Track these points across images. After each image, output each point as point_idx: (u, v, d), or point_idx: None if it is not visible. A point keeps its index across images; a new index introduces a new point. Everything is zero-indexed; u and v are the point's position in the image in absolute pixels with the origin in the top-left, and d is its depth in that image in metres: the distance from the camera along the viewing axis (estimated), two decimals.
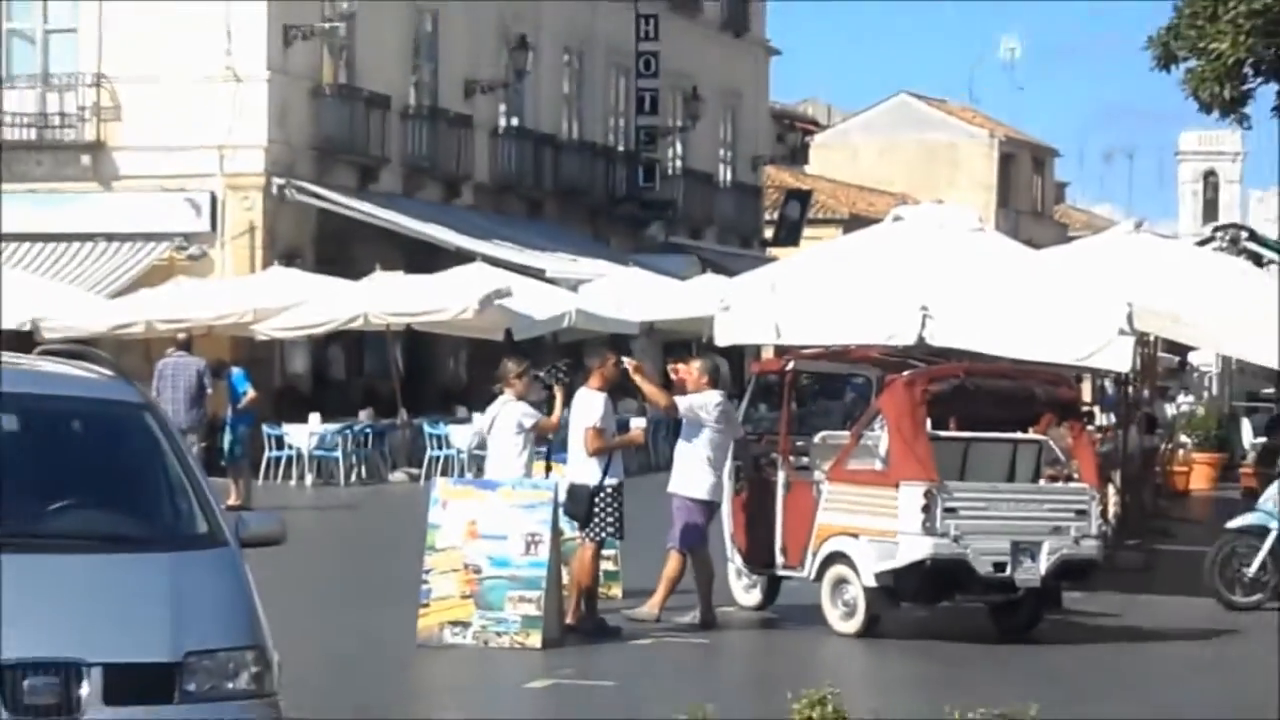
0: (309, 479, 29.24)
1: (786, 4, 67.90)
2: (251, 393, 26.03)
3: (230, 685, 7.81)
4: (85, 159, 31.21)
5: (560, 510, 14.87)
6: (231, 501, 18.45)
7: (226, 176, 31.03)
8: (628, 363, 16.59)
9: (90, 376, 9.65)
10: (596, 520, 14.76)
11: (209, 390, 23.74)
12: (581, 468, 15.09)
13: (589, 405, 14.73)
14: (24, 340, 21.31)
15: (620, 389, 16.79)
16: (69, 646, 7.73)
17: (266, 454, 28.05)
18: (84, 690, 7.36)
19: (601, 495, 14.71)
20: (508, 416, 15.39)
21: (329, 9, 31.63)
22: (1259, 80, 17.99)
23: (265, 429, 27.66)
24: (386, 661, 14.52)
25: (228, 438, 25.63)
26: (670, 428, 16.85)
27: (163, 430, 9.09)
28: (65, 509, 8.69)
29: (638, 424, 16.16)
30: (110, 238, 31.47)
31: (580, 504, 14.55)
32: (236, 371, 26.84)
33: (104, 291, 29.82)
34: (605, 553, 15.42)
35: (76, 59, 31.74)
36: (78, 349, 11.41)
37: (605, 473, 14.88)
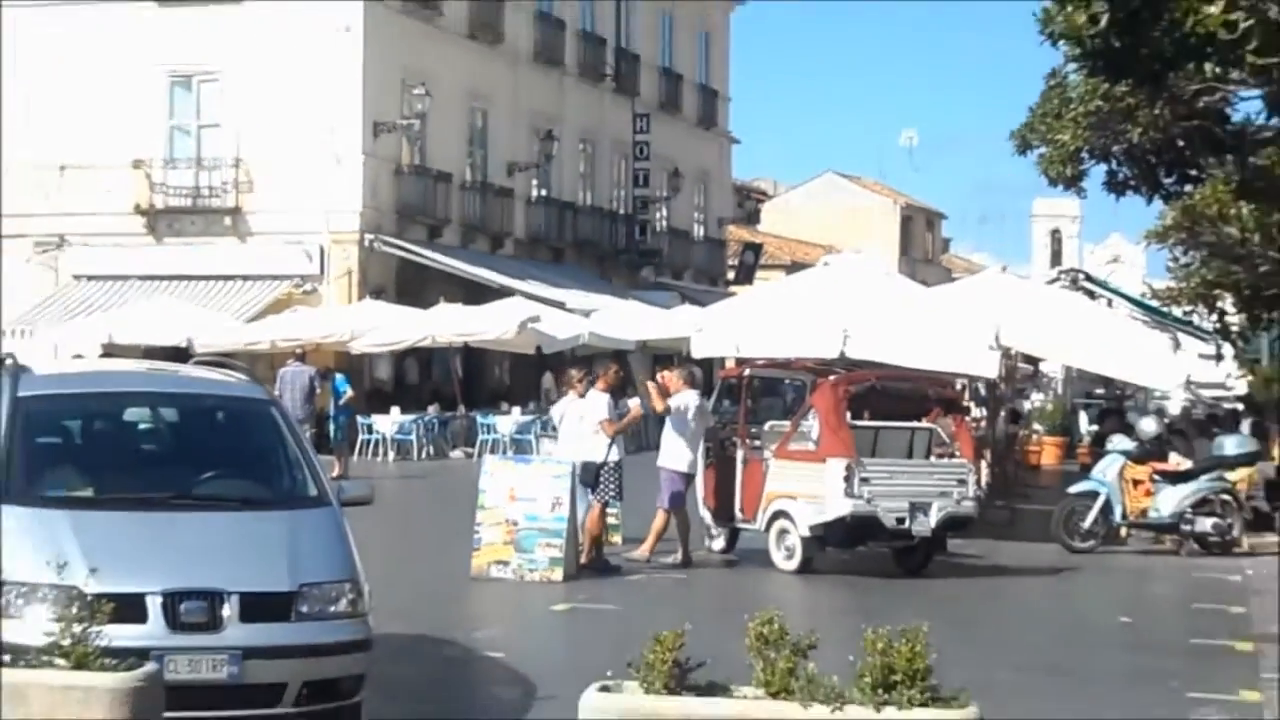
0: (391, 457, 29.64)
1: (745, 103, 68.05)
2: (349, 392, 26.73)
3: (332, 609, 8.01)
4: (227, 220, 32.82)
5: (576, 479, 15.01)
6: (334, 473, 19.02)
7: (331, 233, 32.18)
8: (650, 384, 17.31)
9: (230, 380, 10.17)
10: (602, 486, 15.13)
11: (318, 390, 24.41)
12: (590, 447, 15.30)
13: (597, 402, 15.28)
14: (181, 354, 23.18)
15: (619, 389, 17.44)
16: (214, 579, 7.79)
17: (360, 438, 28.55)
18: (225, 612, 7.43)
19: (606, 468, 15.16)
20: (572, 410, 15.73)
21: (406, 109, 33.18)
22: (1092, 162, 17.53)
23: (359, 419, 28.65)
24: (449, 591, 14.59)
25: (331, 426, 26.25)
26: (658, 419, 16.76)
27: (284, 420, 9.66)
28: (211, 479, 8.85)
29: (634, 403, 16.67)
30: (245, 278, 32.65)
31: (590, 475, 14.94)
32: (339, 377, 27.36)
33: (241, 317, 31.05)
34: (609, 511, 15.70)
35: (220, 145, 32.66)
36: (220, 360, 11.58)
37: (609, 451, 15.22)
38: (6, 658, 6.62)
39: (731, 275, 48.06)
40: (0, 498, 7.78)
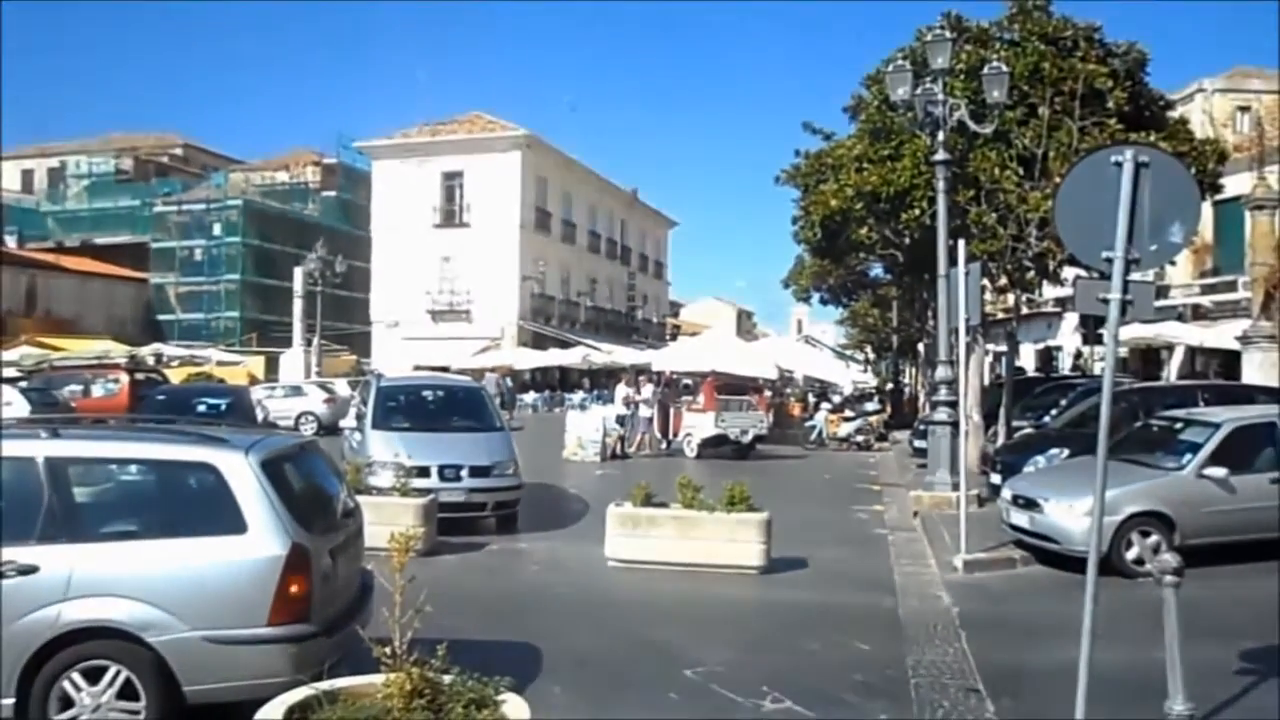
0: (530, 413, 42.50)
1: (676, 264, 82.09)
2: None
3: (507, 471, 11.87)
4: (465, 314, 52.23)
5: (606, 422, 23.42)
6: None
7: (505, 321, 51.80)
8: (644, 382, 26.12)
9: (463, 379, 14.81)
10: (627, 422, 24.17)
11: (501, 385, 36.09)
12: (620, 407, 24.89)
13: (621, 391, 25.36)
14: (445, 369, 32.86)
15: (633, 383, 27.58)
16: (458, 459, 13.09)
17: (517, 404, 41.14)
18: (463, 473, 11.46)
19: (629, 417, 24.33)
20: (619, 391, 25.82)
21: (535, 271, 53.05)
22: (814, 292, 33.35)
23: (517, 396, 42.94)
24: (553, 465, 21.49)
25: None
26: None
27: (487, 396, 13.79)
28: (457, 419, 13.31)
29: (628, 392, 26.14)
30: (473, 339, 50.13)
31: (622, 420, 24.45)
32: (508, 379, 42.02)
33: (470, 354, 47.46)
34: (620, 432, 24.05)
35: (461, 284, 51.98)
36: (459, 373, 18.42)
37: (635, 410, 24.35)
38: (375, 490, 11.05)
39: (668, 338, 68.62)
40: (372, 427, 12.61)
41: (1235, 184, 27.55)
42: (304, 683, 4.56)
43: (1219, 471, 11.26)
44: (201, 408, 16.98)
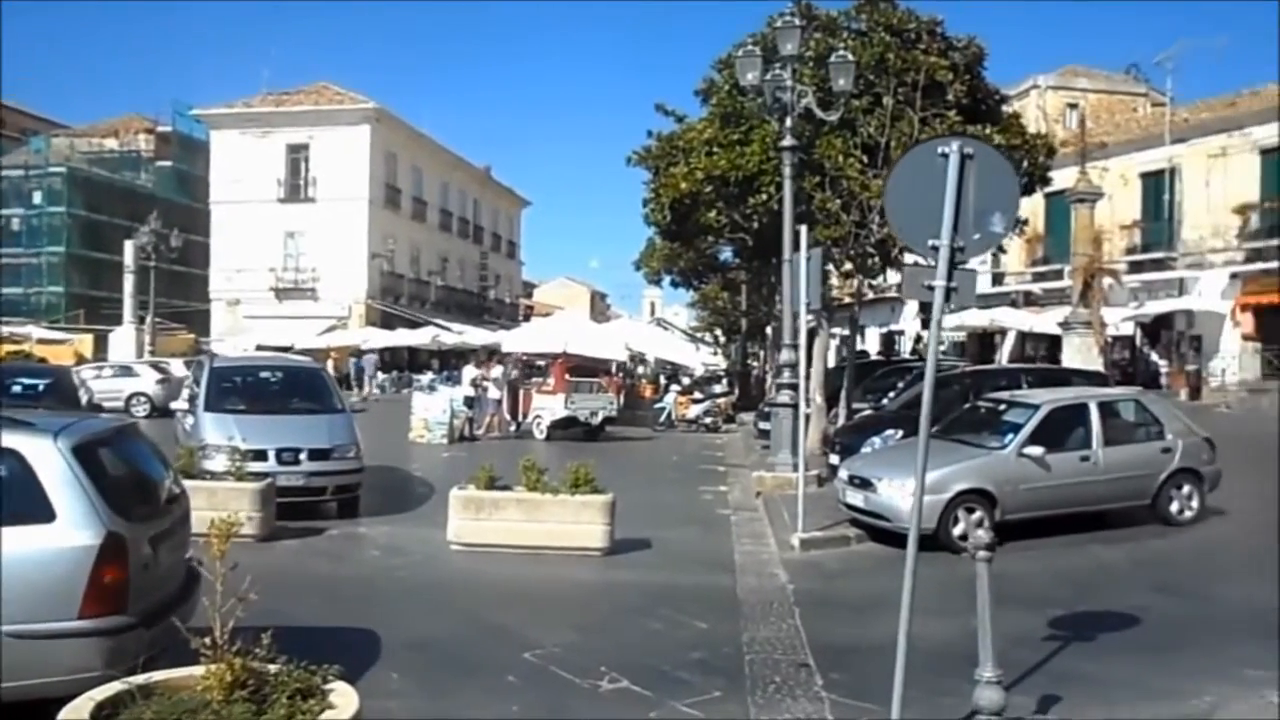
0: (378, 393, 41.96)
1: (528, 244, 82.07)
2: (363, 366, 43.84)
3: (349, 455, 11.61)
4: (310, 292, 50.92)
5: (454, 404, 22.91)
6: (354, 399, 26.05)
7: (354, 300, 50.58)
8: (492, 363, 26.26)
9: (304, 359, 14.28)
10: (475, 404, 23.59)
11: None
12: (468, 389, 23.74)
13: (469, 373, 24.92)
14: (287, 349, 31.67)
15: (484, 364, 27.40)
16: (297, 442, 12.85)
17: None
18: (302, 456, 11.08)
19: (472, 399, 23.67)
20: (468, 374, 24.57)
21: (384, 249, 52.54)
22: (665, 275, 33.09)
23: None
24: (398, 448, 20.71)
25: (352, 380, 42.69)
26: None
27: (327, 377, 13.38)
28: (296, 400, 12.69)
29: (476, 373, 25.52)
30: (318, 317, 49.63)
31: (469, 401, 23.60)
32: (353, 360, 44.61)
33: (314, 334, 47.54)
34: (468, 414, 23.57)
35: (307, 261, 51.13)
36: (301, 353, 17.89)
37: (485, 392, 23.72)
38: (208, 474, 10.75)
39: (521, 319, 68.37)
40: (205, 409, 12.26)
41: (1064, 177, 29.25)
42: (117, 678, 4.41)
43: (1037, 450, 11.91)
44: (17, 389, 15.95)
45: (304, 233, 50.95)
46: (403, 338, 49.33)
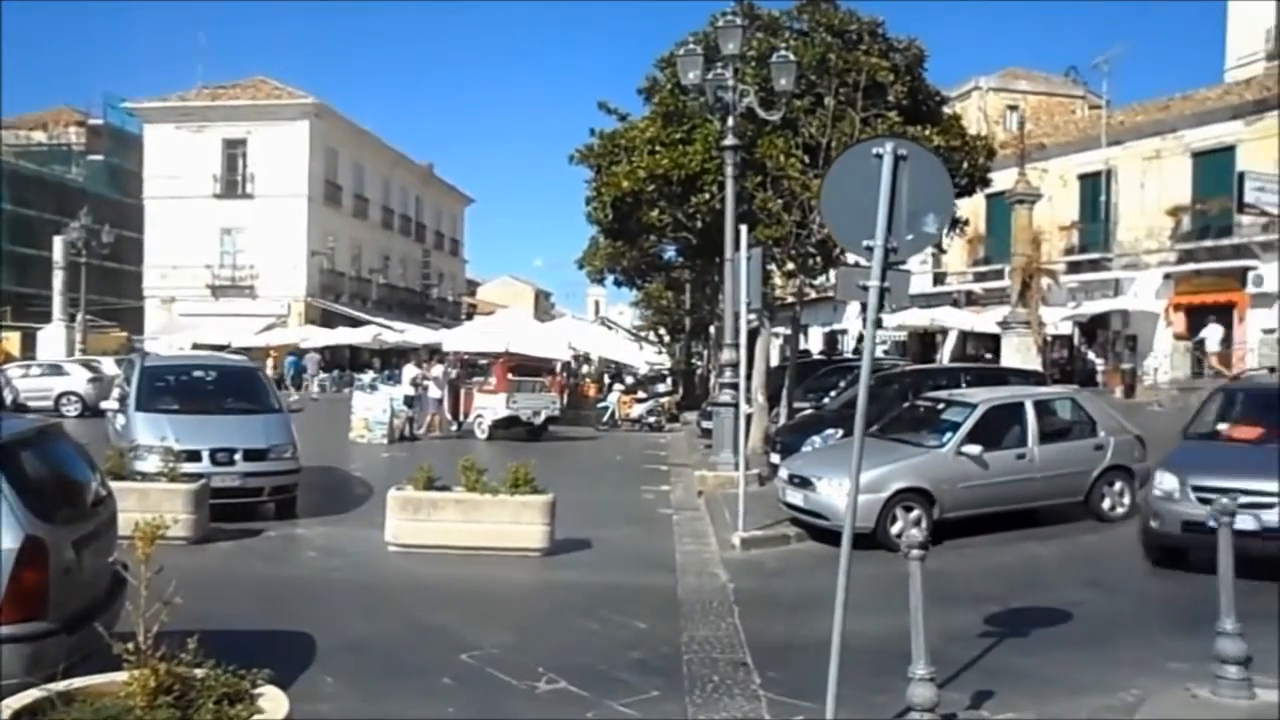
0: (318, 392, 41.90)
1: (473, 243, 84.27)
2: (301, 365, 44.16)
3: (286, 455, 11.46)
4: (249, 290, 50.00)
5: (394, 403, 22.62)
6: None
7: (293, 297, 49.90)
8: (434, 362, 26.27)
9: (240, 359, 14.04)
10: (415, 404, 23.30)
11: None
12: (408, 388, 23.59)
13: (409, 372, 24.60)
14: (223, 348, 32.17)
15: (426, 362, 27.16)
16: (232, 443, 12.64)
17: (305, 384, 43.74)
18: (237, 457, 11.42)
19: (413, 398, 23.47)
20: (408, 371, 24.49)
21: (324, 246, 51.63)
22: (609, 274, 31.61)
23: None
24: (337, 447, 20.80)
25: (288, 380, 41.65)
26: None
27: (264, 376, 13.18)
28: (231, 401, 12.50)
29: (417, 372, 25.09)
30: (256, 315, 48.81)
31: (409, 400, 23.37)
32: (291, 359, 43.95)
33: (252, 332, 46.97)
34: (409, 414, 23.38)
35: (245, 259, 50.04)
36: (238, 352, 17.54)
37: (426, 392, 23.51)
38: (140, 475, 10.54)
39: (464, 317, 67.91)
40: (137, 409, 12.07)
41: (1005, 178, 29.65)
42: (37, 684, 4.28)
43: (974, 449, 12.14)
44: None
45: (242, 229, 50.27)
46: (344, 336, 48.92)
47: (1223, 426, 11.46)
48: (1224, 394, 12.27)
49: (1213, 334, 30.71)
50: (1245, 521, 9.22)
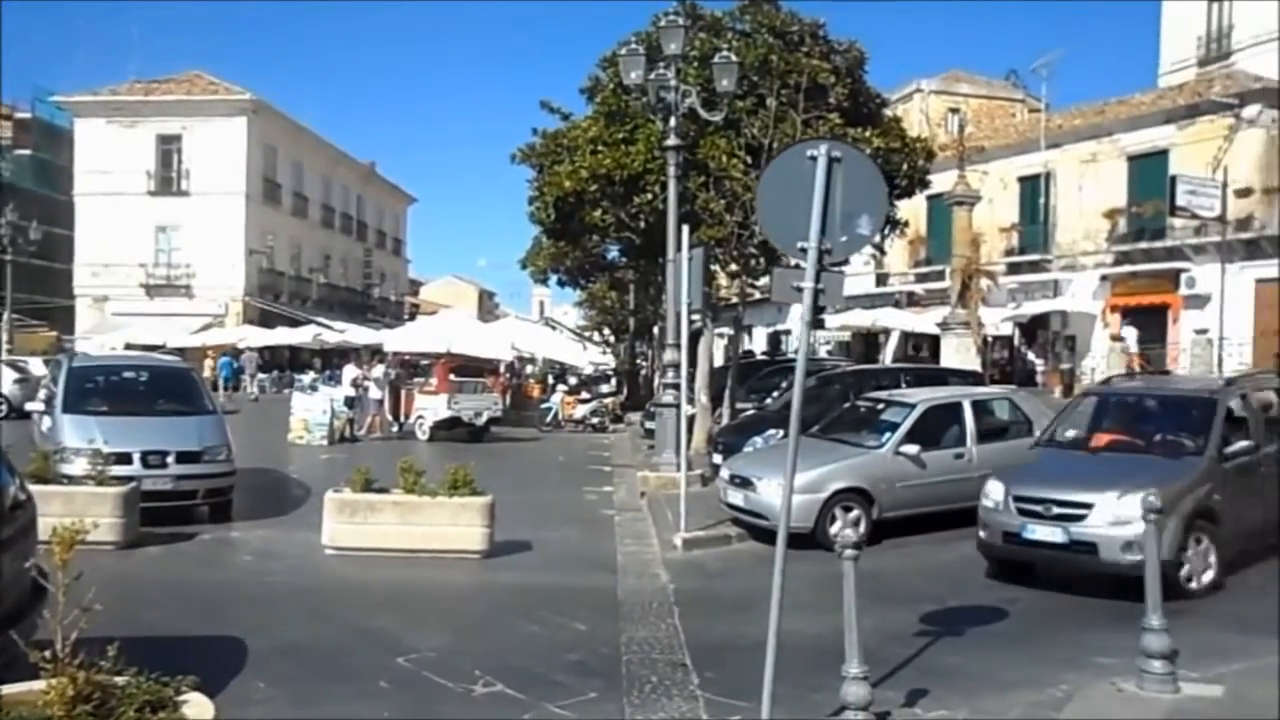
0: (256, 393, 40.86)
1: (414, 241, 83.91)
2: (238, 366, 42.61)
3: (218, 457, 11.27)
4: (184, 290, 49.30)
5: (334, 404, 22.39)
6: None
7: (231, 297, 49.07)
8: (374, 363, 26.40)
9: (174, 359, 13.74)
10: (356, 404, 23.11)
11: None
12: (349, 389, 23.39)
13: (349, 372, 24.38)
14: (157, 348, 30.80)
15: (367, 363, 27.42)
16: (164, 445, 11.73)
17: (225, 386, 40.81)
18: (170, 459, 10.72)
19: (359, 399, 23.39)
20: (348, 372, 24.23)
21: (264, 245, 51.23)
22: (552, 274, 32.49)
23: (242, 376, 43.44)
24: (276, 449, 20.66)
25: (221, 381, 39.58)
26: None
27: (197, 377, 12.93)
28: (163, 402, 12.27)
29: (357, 373, 25.10)
30: (192, 315, 48.45)
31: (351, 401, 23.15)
32: (225, 359, 41.85)
33: (188, 332, 46.44)
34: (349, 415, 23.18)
35: (181, 257, 49.32)
36: (174, 352, 17.10)
37: (367, 392, 23.39)
38: (66, 479, 10.37)
39: (407, 317, 66.86)
40: (63, 411, 11.80)
41: (946, 180, 30.10)
42: None
43: (912, 449, 12.32)
44: None
45: (177, 227, 49.46)
46: (283, 336, 48.27)
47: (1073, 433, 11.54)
48: (1096, 399, 12.20)
49: (1130, 335, 31.13)
50: (1052, 533, 9.37)
